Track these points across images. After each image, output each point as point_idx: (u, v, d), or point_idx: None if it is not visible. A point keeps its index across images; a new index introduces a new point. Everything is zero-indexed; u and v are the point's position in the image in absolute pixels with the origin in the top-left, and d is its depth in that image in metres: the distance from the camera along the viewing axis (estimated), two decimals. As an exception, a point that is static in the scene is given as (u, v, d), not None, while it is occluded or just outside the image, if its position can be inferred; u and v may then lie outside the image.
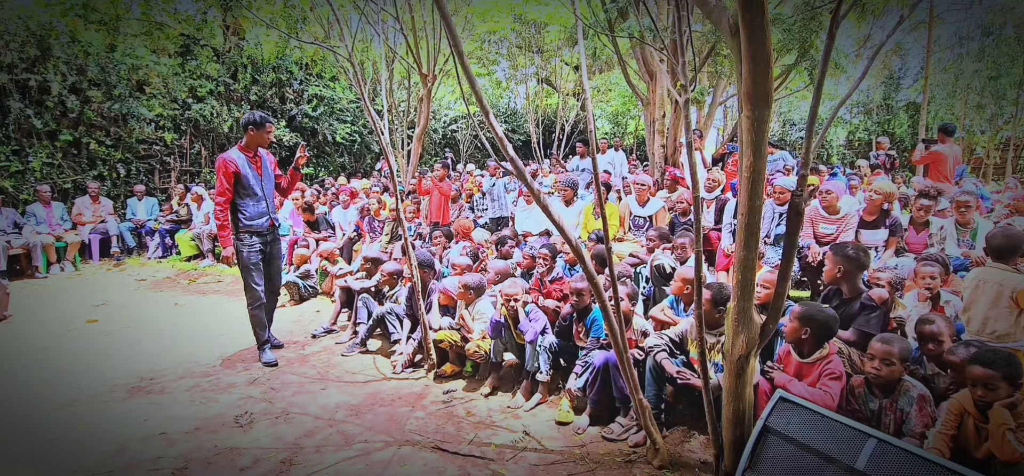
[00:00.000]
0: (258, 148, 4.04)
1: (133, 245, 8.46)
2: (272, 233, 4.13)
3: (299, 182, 4.63)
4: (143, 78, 9.04)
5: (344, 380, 3.92)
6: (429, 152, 14.17)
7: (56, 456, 2.87)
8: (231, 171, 3.82)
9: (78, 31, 8.42)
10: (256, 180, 3.97)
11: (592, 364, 3.14)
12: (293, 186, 4.30)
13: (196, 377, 3.95)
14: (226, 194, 3.83)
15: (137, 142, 9.00)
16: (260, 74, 10.31)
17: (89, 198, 8.11)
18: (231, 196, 3.87)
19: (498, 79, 15.49)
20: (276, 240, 4.21)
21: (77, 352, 4.51)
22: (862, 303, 2.87)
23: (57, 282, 7.12)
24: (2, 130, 7.51)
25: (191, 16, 10.12)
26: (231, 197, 3.87)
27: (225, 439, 3.05)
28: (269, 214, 4.07)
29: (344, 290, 5.02)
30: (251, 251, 3.98)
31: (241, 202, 3.91)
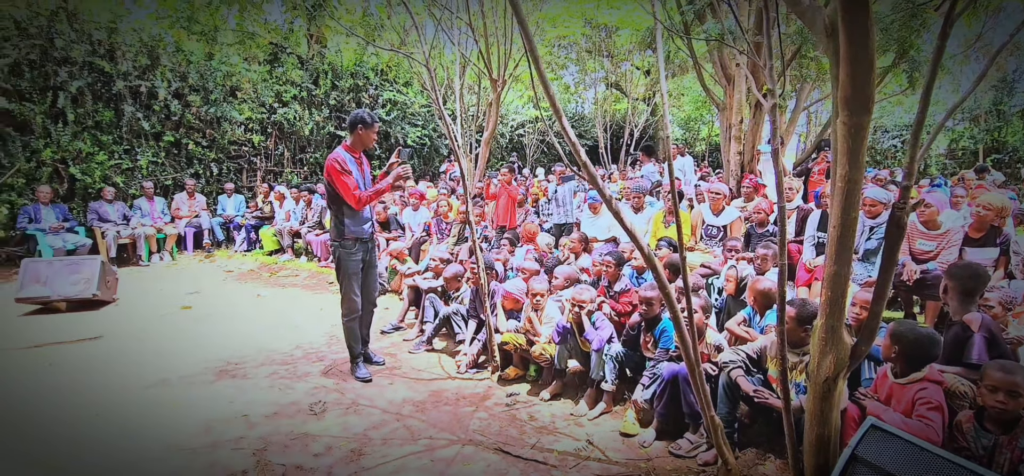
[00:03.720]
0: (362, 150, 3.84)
1: (222, 238, 9.19)
2: (372, 241, 3.98)
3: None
4: (236, 84, 9.81)
5: (410, 376, 4.04)
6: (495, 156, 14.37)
7: (150, 429, 3.15)
8: (348, 169, 3.64)
9: (182, 41, 9.27)
10: (362, 184, 3.77)
11: (660, 376, 3.06)
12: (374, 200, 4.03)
13: (275, 365, 4.21)
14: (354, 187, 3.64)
15: (228, 143, 9.77)
16: (339, 80, 10.88)
17: (186, 194, 8.91)
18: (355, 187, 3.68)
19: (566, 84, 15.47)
20: (374, 248, 4.06)
21: (172, 335, 4.95)
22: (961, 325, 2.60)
23: (157, 270, 7.86)
24: (117, 131, 8.39)
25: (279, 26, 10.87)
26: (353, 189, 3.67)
27: (300, 425, 3.23)
28: (372, 219, 3.95)
29: (412, 289, 5.19)
30: (353, 260, 3.79)
31: (347, 207, 3.72)
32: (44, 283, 5.70)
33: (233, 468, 2.73)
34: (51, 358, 4.29)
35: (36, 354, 4.39)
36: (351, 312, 3.86)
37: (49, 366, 4.13)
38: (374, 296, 4.10)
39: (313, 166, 10.92)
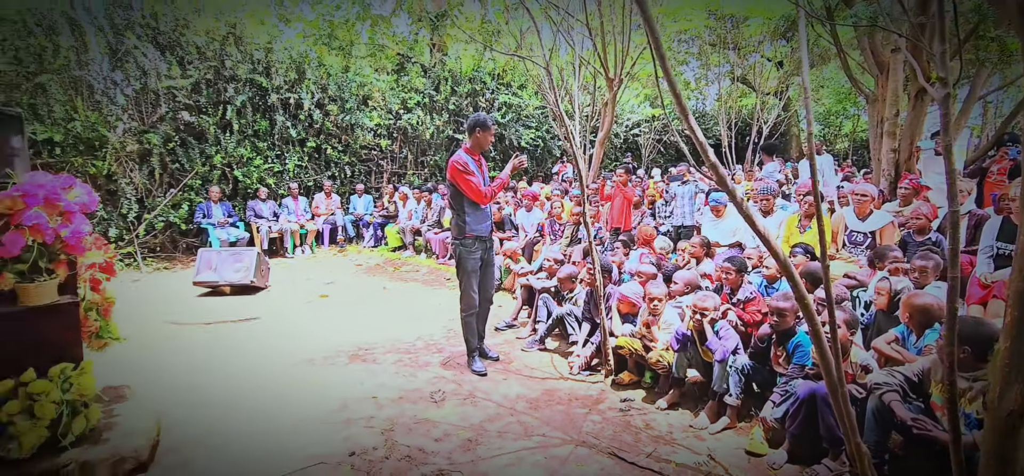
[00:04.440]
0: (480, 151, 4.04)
1: (353, 235, 10.14)
2: (491, 240, 4.15)
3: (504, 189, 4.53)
4: (367, 93, 10.78)
5: (523, 374, 4.15)
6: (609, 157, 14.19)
7: (296, 401, 3.57)
8: (470, 170, 3.85)
9: (323, 56, 10.38)
10: (482, 184, 3.97)
11: (794, 394, 2.83)
12: (498, 192, 4.22)
13: (399, 352, 4.56)
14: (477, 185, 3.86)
15: (360, 148, 10.76)
16: (458, 86, 11.47)
17: (324, 194, 9.97)
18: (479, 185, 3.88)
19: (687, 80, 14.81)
20: (492, 246, 4.22)
21: (312, 320, 5.57)
22: None
23: (300, 262, 8.88)
24: (270, 139, 9.63)
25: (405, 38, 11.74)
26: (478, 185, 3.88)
27: (422, 411, 3.47)
28: (490, 219, 4.13)
29: (525, 288, 5.32)
30: (473, 257, 3.99)
31: (469, 206, 3.94)
32: (214, 270, 6.72)
33: (365, 444, 3.01)
34: (223, 334, 5.06)
35: (210, 330, 5.20)
36: (469, 308, 4.06)
37: (222, 340, 4.87)
38: (491, 293, 4.28)
39: (433, 168, 11.61)
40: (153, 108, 8.62)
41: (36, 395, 2.45)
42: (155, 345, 4.70)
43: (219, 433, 3.10)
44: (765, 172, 7.81)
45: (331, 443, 3.01)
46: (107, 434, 2.70)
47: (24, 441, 2.38)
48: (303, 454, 2.87)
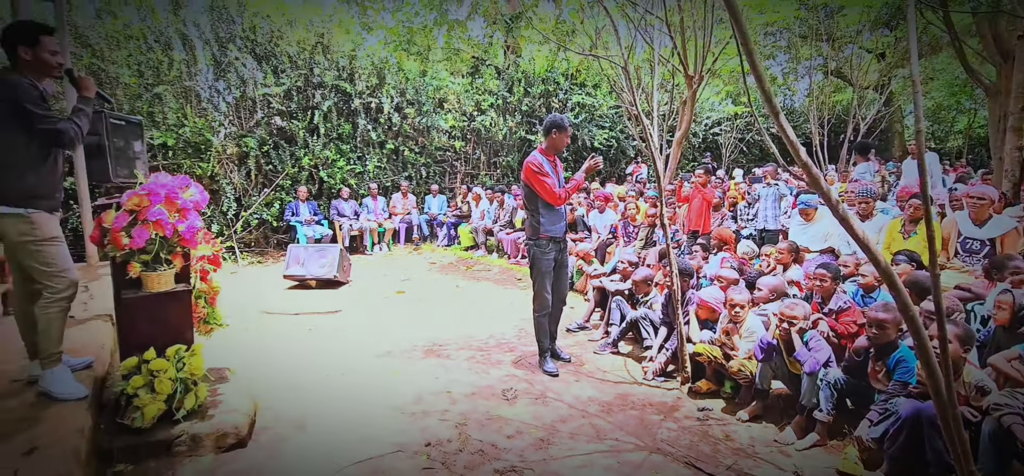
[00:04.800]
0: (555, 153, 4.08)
1: (427, 234, 10.50)
2: (565, 241, 4.17)
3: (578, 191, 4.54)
4: (443, 96, 11.13)
5: (595, 376, 4.12)
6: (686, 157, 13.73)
7: (377, 391, 3.76)
8: (545, 171, 3.89)
9: (403, 62, 10.84)
10: (558, 183, 3.99)
11: (896, 413, 2.61)
12: (572, 194, 4.23)
13: (472, 350, 4.68)
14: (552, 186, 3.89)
15: (435, 149, 11.12)
16: (531, 87, 11.57)
17: (401, 194, 10.41)
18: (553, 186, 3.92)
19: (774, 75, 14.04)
20: (566, 247, 4.23)
21: (390, 314, 5.84)
22: None
23: (378, 259, 9.32)
24: (352, 141, 10.19)
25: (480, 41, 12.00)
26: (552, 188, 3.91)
27: (494, 407, 3.54)
28: (565, 220, 4.13)
29: (598, 290, 5.28)
30: (547, 258, 4.00)
31: (543, 207, 3.96)
32: (301, 265, 7.20)
33: (440, 436, 3.12)
34: (310, 324, 5.43)
35: (298, 320, 5.60)
36: (542, 308, 4.09)
37: (309, 330, 5.24)
38: (564, 294, 4.28)
39: (505, 169, 11.78)
40: (250, 114, 9.40)
41: (156, 372, 2.76)
42: (251, 332, 5.12)
43: (309, 415, 3.33)
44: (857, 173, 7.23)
45: (409, 433, 3.15)
46: (212, 411, 2.98)
47: (146, 412, 2.68)
48: (383, 440, 3.03)
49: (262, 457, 2.83)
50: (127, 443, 2.66)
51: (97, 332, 3.79)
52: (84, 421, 2.55)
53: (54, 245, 2.62)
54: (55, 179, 2.68)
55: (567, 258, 4.26)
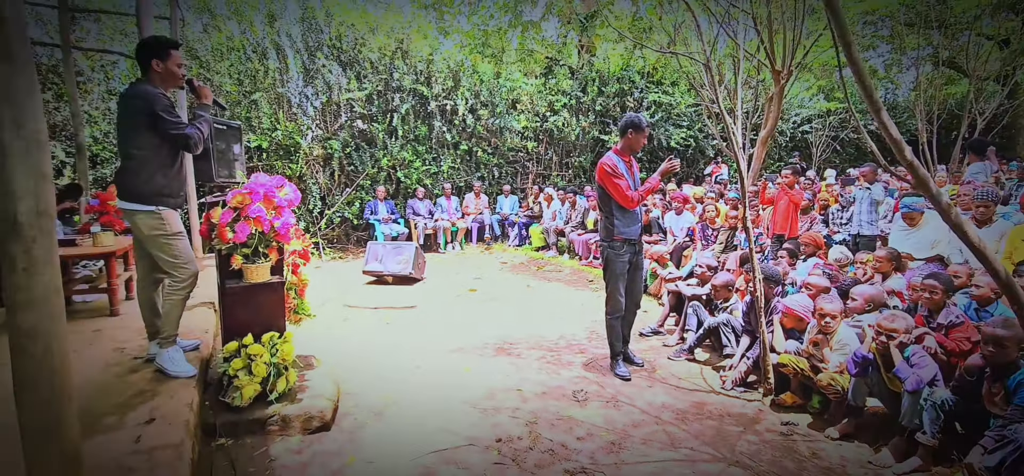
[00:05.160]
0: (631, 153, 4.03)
1: (499, 234, 10.67)
2: (640, 243, 4.10)
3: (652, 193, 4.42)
4: (516, 97, 11.26)
5: (669, 383, 4.02)
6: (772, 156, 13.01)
7: (450, 386, 3.87)
8: (619, 172, 3.85)
9: (477, 64, 11.08)
10: (633, 185, 3.92)
11: (1015, 441, 2.35)
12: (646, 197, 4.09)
13: (542, 350, 4.71)
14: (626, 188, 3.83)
15: (508, 150, 11.27)
16: (605, 86, 11.43)
17: (473, 194, 10.64)
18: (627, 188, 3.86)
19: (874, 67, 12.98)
20: (641, 250, 4.14)
21: (462, 312, 5.99)
22: None
23: (451, 257, 9.58)
24: (428, 143, 10.55)
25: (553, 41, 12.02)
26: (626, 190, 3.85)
27: (565, 408, 3.55)
28: (640, 222, 4.07)
29: (674, 295, 5.14)
30: (621, 260, 3.95)
31: (617, 209, 3.93)
32: (380, 261, 7.56)
33: (511, 433, 3.18)
34: (387, 318, 5.70)
35: (377, 314, 5.89)
36: (615, 311, 4.05)
37: (387, 324, 5.50)
38: (639, 298, 4.20)
39: (577, 169, 11.72)
40: (335, 118, 9.99)
41: (253, 356, 3.02)
42: (334, 323, 5.45)
43: (387, 404, 3.50)
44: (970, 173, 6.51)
45: (480, 427, 3.23)
46: (300, 395, 3.21)
47: (244, 392, 2.94)
48: (456, 433, 3.12)
49: (343, 440, 3.01)
50: (227, 419, 2.93)
51: (202, 318, 4.20)
52: (192, 397, 2.84)
53: (180, 239, 2.96)
54: (180, 179, 3.02)
55: (642, 260, 4.17)
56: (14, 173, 1.52)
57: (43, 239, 1.58)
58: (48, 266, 1.60)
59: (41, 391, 1.64)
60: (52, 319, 1.62)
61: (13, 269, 1.57)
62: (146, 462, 2.16)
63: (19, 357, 1.62)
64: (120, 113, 2.86)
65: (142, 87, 2.80)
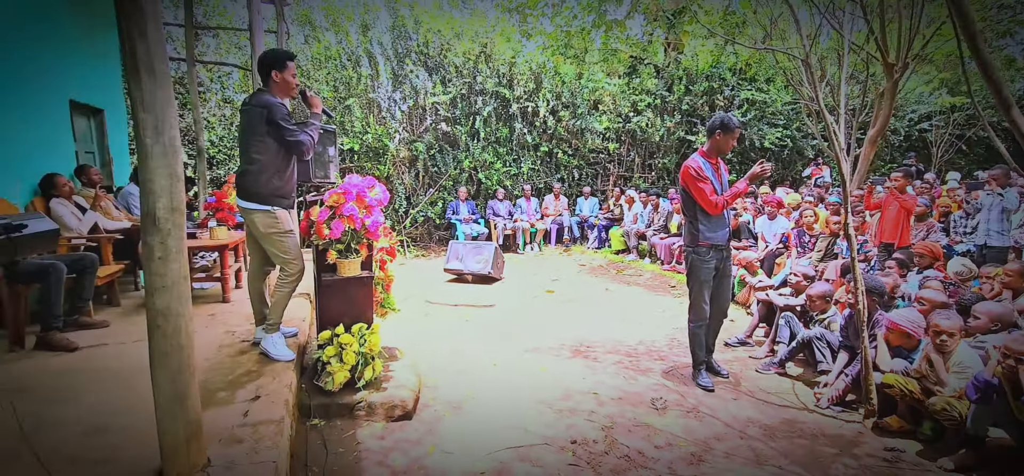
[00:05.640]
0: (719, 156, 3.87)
1: (578, 236, 10.63)
2: (727, 249, 3.95)
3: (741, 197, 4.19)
4: (598, 98, 11.17)
5: (756, 397, 3.83)
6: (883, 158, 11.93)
7: (527, 385, 3.93)
8: (704, 175, 3.71)
9: (559, 65, 11.11)
10: (719, 189, 3.78)
11: None
12: (732, 202, 3.89)
13: (620, 354, 4.65)
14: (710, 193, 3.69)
15: (588, 151, 11.20)
16: (693, 84, 11.04)
17: (553, 196, 10.67)
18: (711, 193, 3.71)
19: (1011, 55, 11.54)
20: (729, 256, 3.99)
21: (540, 312, 6.05)
22: None
23: (529, 258, 9.68)
24: (509, 145, 10.73)
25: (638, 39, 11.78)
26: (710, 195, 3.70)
27: (642, 415, 3.49)
28: (727, 227, 3.90)
29: (764, 304, 4.88)
30: (706, 266, 3.81)
31: (701, 213, 3.78)
32: (460, 260, 7.80)
33: (586, 435, 3.18)
34: (467, 316, 5.89)
35: (457, 311, 6.09)
36: (699, 319, 3.92)
37: (466, 321, 5.68)
38: (726, 306, 4.04)
39: (660, 171, 11.41)
40: (420, 121, 10.44)
41: (344, 345, 3.25)
42: (416, 318, 5.71)
43: (465, 399, 3.63)
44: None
45: (555, 427, 3.26)
46: (385, 384, 3.41)
47: (336, 378, 3.17)
48: (532, 432, 3.18)
49: (423, 431, 3.16)
50: (320, 402, 3.18)
51: (299, 308, 4.56)
52: (291, 379, 3.11)
53: (291, 236, 3.27)
54: (292, 182, 3.34)
55: (730, 267, 4.00)
56: (154, 174, 1.76)
57: (176, 232, 1.82)
58: (179, 255, 1.84)
59: (171, 364, 1.88)
60: (181, 302, 1.86)
61: (151, 257, 1.82)
62: (252, 434, 2.40)
63: (154, 334, 1.87)
64: (243, 121, 3.19)
65: (263, 96, 3.11)
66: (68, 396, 2.83)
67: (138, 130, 1.75)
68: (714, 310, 3.96)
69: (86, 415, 2.59)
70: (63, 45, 5.23)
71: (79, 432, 2.41)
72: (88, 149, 5.95)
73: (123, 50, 1.72)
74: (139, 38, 1.66)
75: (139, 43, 1.66)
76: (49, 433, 2.37)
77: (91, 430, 2.44)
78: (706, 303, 3.87)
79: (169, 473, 1.97)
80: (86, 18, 5.70)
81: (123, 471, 2.09)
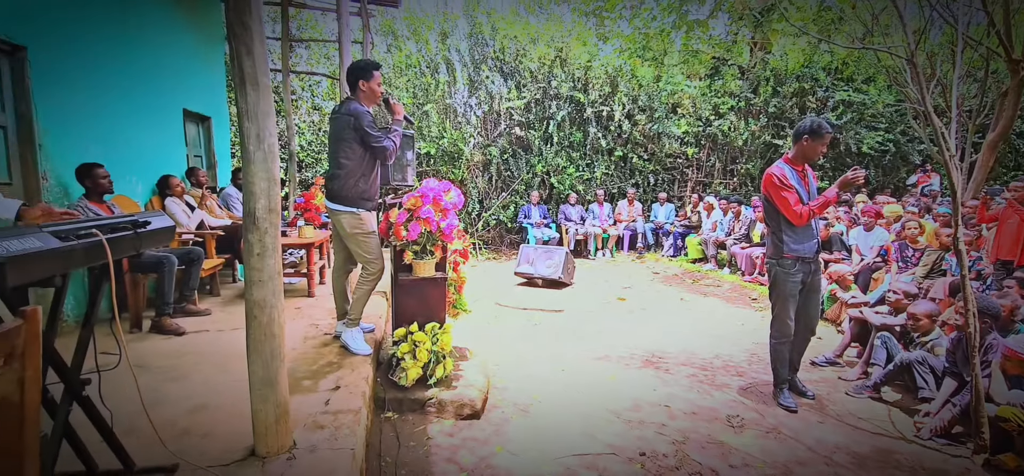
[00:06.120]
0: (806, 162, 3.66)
1: (652, 243, 10.37)
2: (816, 261, 3.71)
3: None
4: (677, 101, 10.86)
5: (846, 422, 3.58)
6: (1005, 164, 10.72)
7: (596, 393, 3.91)
8: (788, 183, 3.53)
9: (636, 68, 10.92)
10: (805, 198, 3.58)
11: None
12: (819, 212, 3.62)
13: (694, 367, 4.51)
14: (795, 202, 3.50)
15: (665, 156, 10.91)
16: (782, 85, 10.47)
17: (627, 201, 10.50)
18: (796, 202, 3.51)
19: None
20: (818, 269, 3.75)
21: (610, 320, 5.97)
22: None
23: (601, 264, 9.58)
24: (582, 149, 10.68)
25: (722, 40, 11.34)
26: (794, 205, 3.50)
27: (717, 432, 3.37)
28: (816, 238, 3.68)
29: (857, 321, 4.55)
30: (791, 280, 3.60)
31: (786, 223, 3.57)
32: (531, 264, 7.87)
33: (656, 448, 3.12)
34: (536, 320, 5.94)
35: (526, 314, 6.16)
36: (782, 335, 3.72)
37: (535, 325, 5.73)
38: (814, 323, 3.80)
39: (743, 177, 10.91)
40: (495, 125, 10.64)
41: (417, 342, 3.40)
42: (486, 320, 5.83)
43: (532, 402, 3.67)
44: None
45: (624, 438, 3.22)
46: (455, 383, 3.52)
47: (409, 374, 3.32)
48: (599, 440, 3.16)
49: (491, 431, 3.23)
50: (394, 396, 3.34)
51: (377, 305, 4.81)
52: (368, 373, 3.30)
53: (373, 237, 3.50)
54: (376, 185, 3.57)
55: (819, 281, 3.75)
56: (255, 177, 1.95)
57: (272, 231, 2.00)
58: (274, 252, 2.03)
59: (265, 352, 2.07)
60: (275, 295, 2.05)
61: (251, 253, 2.01)
62: (332, 422, 2.57)
63: (251, 323, 2.07)
64: (332, 128, 3.46)
65: (351, 105, 3.36)
66: (178, 375, 3.17)
67: (242, 137, 1.95)
68: (800, 327, 3.74)
69: (193, 393, 2.90)
70: (179, 59, 5.85)
71: (187, 408, 2.70)
72: (197, 153, 6.60)
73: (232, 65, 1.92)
74: (246, 55, 1.85)
75: (246, 60, 1.86)
76: (163, 407, 2.68)
77: (196, 407, 2.72)
78: (791, 319, 3.67)
79: (260, 451, 2.16)
80: (199, 34, 6.34)
81: (221, 446, 2.32)
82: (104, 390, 1.97)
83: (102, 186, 3.88)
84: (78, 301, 4.01)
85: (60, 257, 1.46)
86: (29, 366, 0.92)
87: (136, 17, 5.00)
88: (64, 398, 1.71)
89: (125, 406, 2.25)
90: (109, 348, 2.16)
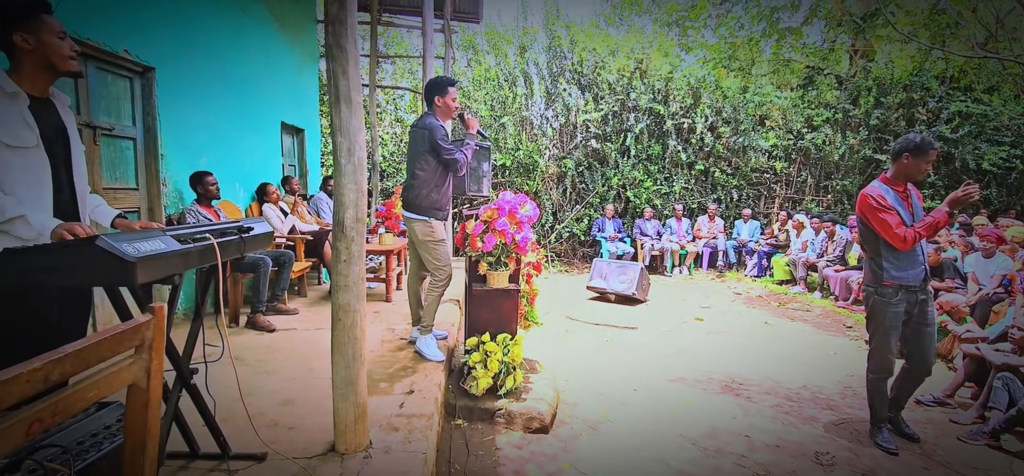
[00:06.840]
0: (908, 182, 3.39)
1: (734, 261, 9.91)
2: (925, 291, 3.39)
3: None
4: (765, 113, 10.36)
5: (956, 469, 3.24)
6: None
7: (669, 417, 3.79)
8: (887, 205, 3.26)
9: (721, 79, 10.55)
10: (908, 220, 3.29)
11: None
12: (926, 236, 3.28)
13: (779, 397, 4.25)
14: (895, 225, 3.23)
15: (751, 171, 10.43)
16: (885, 96, 9.70)
17: (707, 217, 10.12)
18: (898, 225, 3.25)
19: None
20: (929, 299, 3.41)
21: (687, 341, 5.77)
22: None
23: (677, 281, 9.28)
24: (661, 163, 10.43)
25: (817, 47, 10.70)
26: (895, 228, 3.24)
27: (803, 468, 3.16)
28: (922, 264, 3.36)
29: (973, 359, 4.11)
30: (892, 310, 3.32)
31: (885, 248, 3.33)
32: (604, 278, 7.77)
33: (734, 481, 2.98)
34: (608, 336, 5.86)
35: (598, 330, 6.09)
36: (882, 370, 3.43)
37: (607, 342, 5.65)
38: (930, 360, 3.40)
39: (838, 194, 10.20)
40: (570, 138, 10.65)
41: (489, 352, 3.47)
42: (557, 334, 5.82)
43: (602, 421, 3.63)
44: None
45: (699, 465, 3.10)
46: (525, 395, 3.54)
47: (480, 383, 3.39)
48: (671, 466, 3.07)
49: (559, 446, 3.23)
50: (465, 404, 3.42)
51: (450, 313, 4.95)
52: (441, 379, 3.40)
53: (442, 245, 3.65)
54: (448, 196, 3.75)
55: (932, 314, 3.39)
56: (345, 189, 2.09)
57: (359, 239, 2.13)
58: (359, 260, 2.16)
59: (347, 353, 2.20)
60: (358, 299, 2.18)
61: (338, 260, 2.15)
62: (406, 425, 2.68)
63: (336, 325, 2.21)
64: (410, 141, 3.70)
65: (427, 119, 3.55)
66: (269, 369, 3.43)
67: (335, 150, 2.10)
68: (913, 365, 3.43)
69: (282, 388, 3.13)
70: (279, 75, 6.38)
71: (277, 402, 2.92)
72: (291, 162, 7.14)
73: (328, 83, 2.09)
74: (342, 75, 2.01)
75: (342, 79, 2.01)
76: (256, 399, 2.91)
77: (285, 401, 2.93)
78: (892, 352, 3.37)
79: (339, 447, 2.29)
80: (297, 52, 6.89)
81: (305, 440, 2.48)
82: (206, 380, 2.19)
83: (211, 192, 4.31)
84: (185, 296, 4.45)
85: (179, 258, 1.65)
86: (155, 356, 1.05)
87: (244, 38, 5.52)
88: (176, 385, 1.92)
89: (223, 395, 2.47)
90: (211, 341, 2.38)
